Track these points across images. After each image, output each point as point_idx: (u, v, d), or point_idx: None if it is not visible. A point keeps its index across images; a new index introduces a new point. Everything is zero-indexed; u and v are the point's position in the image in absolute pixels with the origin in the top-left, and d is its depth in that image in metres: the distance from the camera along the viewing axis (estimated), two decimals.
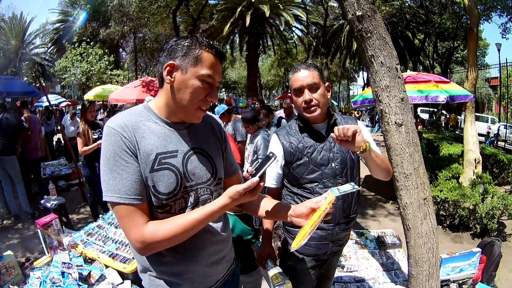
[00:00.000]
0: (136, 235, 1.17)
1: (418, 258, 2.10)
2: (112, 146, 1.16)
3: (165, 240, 1.18)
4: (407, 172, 1.96)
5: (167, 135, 1.28)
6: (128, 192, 1.16)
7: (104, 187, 1.17)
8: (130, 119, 1.23)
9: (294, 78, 1.89)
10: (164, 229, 1.17)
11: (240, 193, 1.17)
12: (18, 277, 2.65)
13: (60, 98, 17.79)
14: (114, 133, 1.17)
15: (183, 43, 1.22)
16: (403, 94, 1.94)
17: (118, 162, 1.16)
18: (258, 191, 1.22)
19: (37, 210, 5.45)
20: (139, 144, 1.20)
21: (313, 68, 1.90)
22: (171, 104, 1.27)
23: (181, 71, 1.21)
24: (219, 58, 1.26)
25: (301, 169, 1.93)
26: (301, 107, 1.90)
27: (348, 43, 22.74)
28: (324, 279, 2.31)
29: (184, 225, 1.18)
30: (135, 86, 10.02)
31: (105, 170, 1.17)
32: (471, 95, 5.98)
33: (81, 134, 4.75)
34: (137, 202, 1.17)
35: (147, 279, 1.37)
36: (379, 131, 18.08)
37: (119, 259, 2.84)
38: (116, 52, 26.21)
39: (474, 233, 4.77)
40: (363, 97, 7.27)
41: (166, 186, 1.23)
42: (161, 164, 1.23)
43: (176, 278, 1.33)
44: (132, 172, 1.17)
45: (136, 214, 1.18)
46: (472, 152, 5.90)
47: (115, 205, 1.17)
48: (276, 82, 42.72)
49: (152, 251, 1.23)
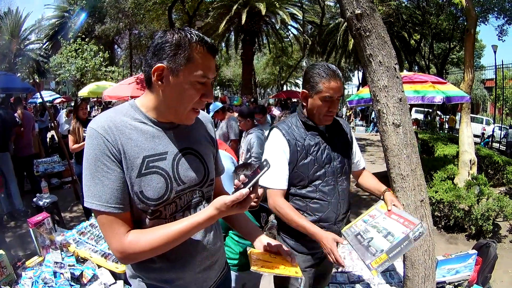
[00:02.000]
0: (116, 244, 1.11)
1: (414, 260, 2.09)
2: (93, 150, 1.09)
3: (146, 251, 1.11)
4: (404, 173, 1.95)
5: (156, 136, 1.19)
6: (109, 200, 1.09)
7: (85, 192, 1.11)
8: (115, 119, 1.14)
9: (330, 86, 1.78)
10: (145, 240, 1.11)
11: (228, 205, 1.08)
12: (10, 277, 2.61)
13: (55, 94, 17.68)
14: (97, 135, 1.09)
15: (171, 41, 1.09)
16: (401, 94, 1.92)
17: (100, 168, 1.08)
18: (248, 204, 1.11)
19: (29, 208, 5.38)
20: (125, 147, 1.11)
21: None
22: (161, 106, 1.18)
23: (172, 73, 1.10)
24: (211, 53, 1.15)
25: (306, 168, 1.88)
26: (323, 113, 1.85)
27: (343, 42, 22.79)
28: (320, 278, 2.29)
29: (166, 236, 1.11)
30: (129, 83, 9.93)
31: (87, 174, 1.10)
32: (467, 96, 5.99)
33: (72, 131, 4.71)
34: (117, 211, 1.10)
35: (137, 285, 1.31)
36: (374, 130, 18.17)
37: (112, 259, 2.81)
38: (111, 49, 26.12)
39: (469, 234, 4.77)
40: (358, 97, 7.25)
41: (154, 191, 1.15)
42: (149, 168, 1.14)
43: (167, 285, 1.28)
44: (114, 179, 1.09)
45: (117, 223, 1.11)
46: (467, 153, 5.92)
47: (96, 213, 1.11)
48: (271, 80, 42.71)
49: (133, 261, 1.18)
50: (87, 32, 21.10)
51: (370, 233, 1.63)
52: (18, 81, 10.12)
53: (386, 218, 1.71)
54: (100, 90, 11.78)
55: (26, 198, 5.72)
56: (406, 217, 1.63)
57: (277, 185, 1.87)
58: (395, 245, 1.46)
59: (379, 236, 1.57)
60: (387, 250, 1.45)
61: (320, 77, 1.80)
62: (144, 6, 15.82)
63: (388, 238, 1.53)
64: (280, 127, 1.93)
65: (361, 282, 2.72)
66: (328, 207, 1.88)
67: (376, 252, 1.46)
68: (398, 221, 1.64)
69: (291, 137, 1.87)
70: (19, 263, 2.82)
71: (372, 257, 1.46)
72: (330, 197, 1.90)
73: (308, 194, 1.89)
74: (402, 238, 1.48)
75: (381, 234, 1.58)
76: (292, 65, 31.56)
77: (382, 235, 1.56)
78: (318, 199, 1.89)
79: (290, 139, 1.87)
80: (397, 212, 1.72)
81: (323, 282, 2.43)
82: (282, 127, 1.92)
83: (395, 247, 1.46)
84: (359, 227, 1.73)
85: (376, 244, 1.53)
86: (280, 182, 1.88)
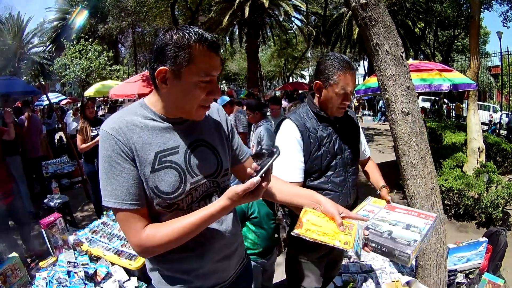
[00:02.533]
0: (134, 239, 1.15)
1: (426, 248, 2.10)
2: (107, 151, 1.12)
3: (163, 244, 1.14)
4: (414, 161, 1.94)
5: (166, 131, 1.21)
6: (125, 198, 1.12)
7: (102, 192, 1.14)
8: (125, 119, 1.17)
9: (345, 79, 1.77)
10: (161, 234, 1.14)
11: (239, 194, 1.08)
12: (24, 279, 2.66)
13: (61, 96, 17.83)
14: (109, 137, 1.12)
15: (170, 43, 1.09)
16: (409, 82, 1.91)
17: (114, 167, 1.12)
18: (260, 192, 1.11)
19: (40, 210, 5.43)
20: (136, 145, 1.14)
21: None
22: (169, 105, 1.20)
23: (175, 76, 1.11)
24: (213, 50, 1.13)
25: (319, 160, 1.87)
26: (337, 106, 1.84)
27: (348, 32, 22.66)
28: (331, 267, 2.30)
29: (181, 229, 1.13)
30: (135, 80, 10.01)
31: (102, 174, 1.14)
32: (474, 84, 5.92)
33: (80, 131, 4.72)
34: (134, 207, 1.14)
35: (157, 277, 1.33)
36: (381, 120, 18.04)
37: (125, 256, 2.84)
38: (115, 48, 26.16)
39: (479, 223, 4.75)
40: (366, 86, 7.17)
41: (169, 185, 1.17)
42: (162, 163, 1.17)
43: (186, 275, 1.30)
44: (128, 177, 1.13)
45: (134, 218, 1.14)
46: (476, 140, 5.87)
47: (114, 210, 1.15)
48: (277, 72, 42.53)
49: (152, 254, 1.21)
50: (90, 33, 21.13)
51: (381, 226, 1.52)
52: (23, 84, 10.19)
53: (391, 213, 1.65)
54: (106, 89, 11.87)
55: (36, 200, 5.74)
56: (416, 211, 1.60)
57: (291, 178, 1.82)
58: (425, 235, 1.42)
59: (398, 229, 1.49)
60: (420, 240, 1.38)
61: (335, 69, 1.77)
62: (146, 4, 15.79)
63: (412, 229, 1.46)
64: (292, 118, 1.90)
65: (373, 272, 2.72)
66: (339, 198, 1.87)
67: (410, 242, 1.38)
68: (409, 214, 1.59)
69: (304, 128, 1.86)
70: (32, 264, 2.86)
71: (410, 247, 1.36)
72: (341, 188, 1.90)
73: (320, 186, 1.89)
74: (428, 229, 1.44)
75: (399, 226, 1.50)
76: (297, 56, 31.43)
77: (402, 227, 1.49)
78: (330, 190, 1.89)
79: (303, 131, 1.85)
80: (400, 207, 1.68)
81: (334, 271, 2.44)
82: (294, 118, 1.90)
83: (424, 237, 1.41)
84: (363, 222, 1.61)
85: (400, 235, 1.44)
86: (295, 174, 1.85)
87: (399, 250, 1.36)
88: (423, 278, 2.18)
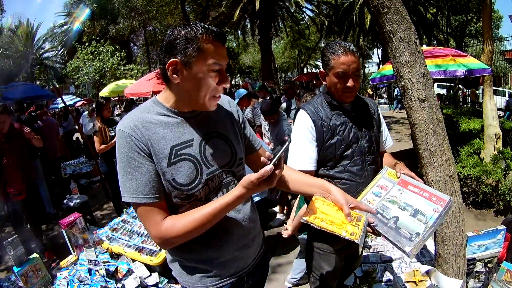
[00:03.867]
0: (154, 232, 1.19)
1: (445, 236, 2.08)
2: (124, 149, 1.17)
3: (182, 235, 1.19)
4: (432, 148, 1.92)
5: (180, 125, 1.26)
6: (144, 192, 1.17)
7: (121, 188, 1.19)
8: (140, 117, 1.22)
9: (340, 61, 1.76)
10: (179, 225, 1.18)
11: (254, 182, 1.13)
12: (45, 279, 2.72)
13: (75, 98, 18.06)
14: (125, 135, 1.18)
15: (179, 37, 1.15)
16: (424, 69, 1.89)
17: (131, 164, 1.17)
18: (274, 179, 1.15)
19: (60, 210, 5.54)
20: (152, 141, 1.19)
21: (356, 51, 1.81)
22: (182, 98, 1.25)
23: (185, 67, 1.16)
24: (220, 41, 1.19)
25: (333, 148, 1.86)
26: (341, 90, 1.82)
27: (360, 20, 22.39)
28: (352, 259, 2.30)
29: (199, 219, 1.18)
30: (149, 78, 10.08)
31: (121, 172, 1.19)
32: (488, 69, 5.79)
33: (97, 132, 4.76)
34: (152, 201, 1.18)
35: (177, 268, 1.38)
36: (397, 108, 17.78)
37: (146, 252, 2.89)
38: (128, 47, 26.31)
39: (498, 210, 4.66)
40: (381, 74, 7.09)
41: (185, 177, 1.22)
42: (178, 156, 1.22)
43: (206, 265, 1.34)
44: (145, 172, 1.18)
45: (153, 212, 1.19)
46: (492, 126, 5.74)
47: (134, 205, 1.21)
48: (291, 64, 42.37)
49: (172, 245, 1.25)
50: (102, 34, 21.30)
51: (390, 210, 1.50)
52: (38, 89, 10.36)
53: (403, 191, 1.58)
54: (121, 89, 11.97)
55: (56, 201, 5.87)
56: (429, 191, 1.52)
57: (303, 167, 1.84)
58: (431, 226, 1.37)
59: (405, 215, 1.45)
60: (424, 234, 1.35)
61: (331, 54, 1.79)
62: (156, 2, 15.85)
63: (418, 218, 1.42)
64: (306, 108, 1.91)
65: (393, 261, 2.71)
66: (357, 188, 1.85)
67: (412, 236, 1.36)
68: (421, 195, 1.52)
69: (317, 117, 1.86)
70: (53, 264, 2.92)
71: (410, 243, 1.34)
72: (358, 177, 1.87)
73: (337, 175, 1.88)
74: (436, 218, 1.39)
75: (407, 212, 1.46)
76: (310, 47, 31.34)
77: (409, 214, 1.45)
78: (346, 180, 1.87)
79: (316, 120, 1.85)
80: (413, 183, 1.60)
81: (355, 263, 2.44)
82: (307, 107, 1.91)
83: (431, 229, 1.36)
84: (373, 203, 1.58)
85: (406, 225, 1.41)
86: (306, 163, 1.86)
87: (399, 247, 1.36)
88: (442, 267, 2.16)
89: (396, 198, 1.56)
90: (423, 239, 1.35)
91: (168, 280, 2.83)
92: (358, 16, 22.13)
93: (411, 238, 1.36)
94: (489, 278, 2.39)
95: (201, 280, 1.35)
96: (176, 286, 2.79)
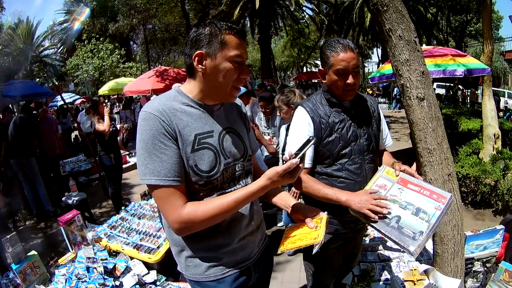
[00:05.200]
0: (174, 216, 1.22)
1: (443, 235, 2.08)
2: (150, 131, 1.20)
3: (203, 220, 1.23)
4: (430, 147, 1.92)
5: (202, 116, 1.33)
6: (168, 174, 1.20)
7: (141, 170, 1.22)
8: (166, 103, 1.28)
9: (340, 58, 1.75)
10: (202, 210, 1.22)
11: (280, 174, 1.20)
12: (44, 276, 2.71)
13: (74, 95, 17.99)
14: (152, 117, 1.21)
15: (204, 32, 1.26)
16: (423, 67, 1.89)
17: (157, 145, 1.20)
18: (297, 173, 1.24)
19: (59, 208, 5.54)
20: (178, 126, 1.24)
21: (356, 48, 1.81)
22: (205, 89, 1.32)
23: (210, 58, 1.26)
24: (241, 36, 1.30)
25: (331, 146, 1.85)
26: (341, 88, 1.81)
27: (360, 19, 22.42)
28: (350, 258, 2.30)
29: (222, 206, 1.23)
30: (149, 76, 10.09)
31: (143, 154, 1.22)
32: (488, 69, 5.79)
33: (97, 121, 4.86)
34: (176, 184, 1.22)
35: (183, 261, 1.41)
36: (397, 107, 17.79)
37: (144, 250, 2.88)
38: (127, 45, 26.28)
39: (496, 210, 4.67)
40: (380, 73, 7.08)
41: (206, 164, 1.28)
42: (201, 144, 1.28)
43: (214, 253, 1.37)
44: (171, 155, 1.22)
45: (175, 195, 1.23)
46: (491, 127, 5.75)
47: (154, 188, 1.23)
48: (291, 63, 42.38)
49: (189, 231, 1.28)
50: (101, 32, 21.26)
51: (392, 210, 1.51)
52: (37, 87, 10.33)
53: (403, 190, 1.58)
54: (120, 86, 12.01)
55: (54, 199, 5.88)
56: (429, 189, 1.52)
57: None
58: (434, 224, 1.38)
59: (407, 214, 1.47)
60: (427, 232, 1.37)
61: (330, 51, 1.79)
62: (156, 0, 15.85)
63: (421, 216, 1.43)
64: (304, 104, 1.91)
65: (391, 260, 2.72)
66: (355, 186, 1.84)
67: (415, 235, 1.38)
68: (421, 193, 1.52)
69: (316, 114, 1.85)
70: (51, 262, 2.91)
71: (414, 242, 1.37)
72: (356, 176, 1.87)
73: (334, 173, 1.87)
74: (438, 216, 1.40)
75: (409, 211, 1.47)
76: (310, 46, 31.38)
77: (411, 213, 1.47)
78: (344, 178, 1.86)
79: (315, 116, 1.85)
80: (413, 181, 1.60)
81: (353, 262, 2.44)
82: (306, 104, 1.91)
83: (434, 226, 1.38)
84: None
85: (408, 224, 1.43)
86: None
87: (403, 246, 1.38)
88: (440, 266, 2.16)
89: (397, 197, 1.57)
90: (426, 238, 1.36)
91: (166, 277, 2.83)
92: (358, 15, 22.16)
93: (415, 237, 1.38)
94: (487, 277, 2.39)
95: (208, 271, 1.38)
96: (174, 284, 2.79)
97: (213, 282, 1.39)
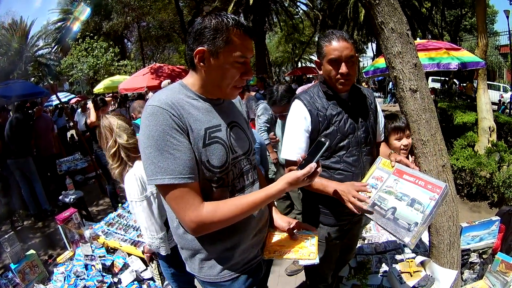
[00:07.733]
0: (192, 215, 1.15)
1: (438, 226, 2.10)
2: (160, 126, 1.12)
3: (222, 221, 1.19)
4: (424, 138, 1.94)
5: (209, 110, 1.28)
6: (183, 171, 1.13)
7: (151, 170, 1.13)
8: (173, 96, 1.21)
9: (332, 47, 1.74)
10: (222, 211, 1.18)
11: (299, 178, 1.20)
12: (42, 275, 2.73)
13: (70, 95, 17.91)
14: (162, 111, 1.14)
15: (209, 26, 1.17)
16: (416, 60, 1.90)
17: (169, 142, 1.12)
18: (315, 176, 1.24)
19: (56, 207, 5.52)
20: (189, 120, 1.18)
21: (350, 39, 1.79)
22: (207, 85, 1.27)
23: (212, 56, 1.19)
24: (248, 34, 1.22)
25: (329, 138, 1.85)
26: (335, 78, 1.80)
27: (354, 14, 22.38)
28: (347, 250, 2.31)
29: (242, 207, 1.20)
30: (143, 74, 10.09)
31: (152, 152, 1.13)
32: (482, 62, 5.83)
33: None
34: (191, 181, 1.15)
35: (197, 263, 1.36)
36: (391, 101, 17.82)
37: (142, 246, 2.89)
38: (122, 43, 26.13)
39: (492, 202, 4.69)
40: (374, 67, 7.13)
41: (218, 159, 1.23)
42: (211, 138, 1.23)
43: (228, 252, 1.34)
44: (184, 151, 1.15)
45: (191, 194, 1.16)
46: (486, 120, 5.79)
47: (168, 188, 1.14)
48: (285, 58, 42.18)
49: (206, 232, 1.22)
50: (95, 30, 21.12)
51: (388, 201, 1.52)
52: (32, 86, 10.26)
53: (399, 181, 1.59)
54: (115, 84, 11.97)
55: (52, 198, 5.86)
56: (424, 179, 1.53)
57: (291, 156, 1.84)
58: (429, 214, 1.39)
59: (403, 205, 1.47)
60: (422, 223, 1.37)
61: (324, 42, 1.79)
62: None
63: (416, 207, 1.44)
64: (301, 97, 1.89)
65: (387, 253, 2.73)
66: (353, 178, 1.84)
67: (410, 226, 1.38)
68: (416, 183, 1.53)
69: (313, 107, 1.84)
70: (50, 260, 2.92)
71: (409, 233, 1.37)
72: (354, 168, 1.87)
73: (332, 165, 1.87)
74: (433, 206, 1.40)
75: (404, 202, 1.48)
76: (304, 41, 31.28)
77: (406, 204, 1.47)
78: (342, 170, 1.86)
79: (312, 109, 1.83)
80: (409, 172, 1.60)
81: (350, 254, 2.45)
82: (303, 97, 1.89)
83: (428, 217, 1.38)
84: (370, 195, 1.60)
85: (403, 215, 1.43)
86: (294, 153, 1.84)
87: (399, 238, 1.39)
88: (436, 257, 2.18)
89: (392, 189, 1.57)
90: (422, 229, 1.37)
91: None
92: (352, 10, 22.12)
93: (410, 228, 1.39)
94: (484, 268, 2.41)
95: (223, 271, 1.35)
96: None
97: (228, 281, 1.36)
